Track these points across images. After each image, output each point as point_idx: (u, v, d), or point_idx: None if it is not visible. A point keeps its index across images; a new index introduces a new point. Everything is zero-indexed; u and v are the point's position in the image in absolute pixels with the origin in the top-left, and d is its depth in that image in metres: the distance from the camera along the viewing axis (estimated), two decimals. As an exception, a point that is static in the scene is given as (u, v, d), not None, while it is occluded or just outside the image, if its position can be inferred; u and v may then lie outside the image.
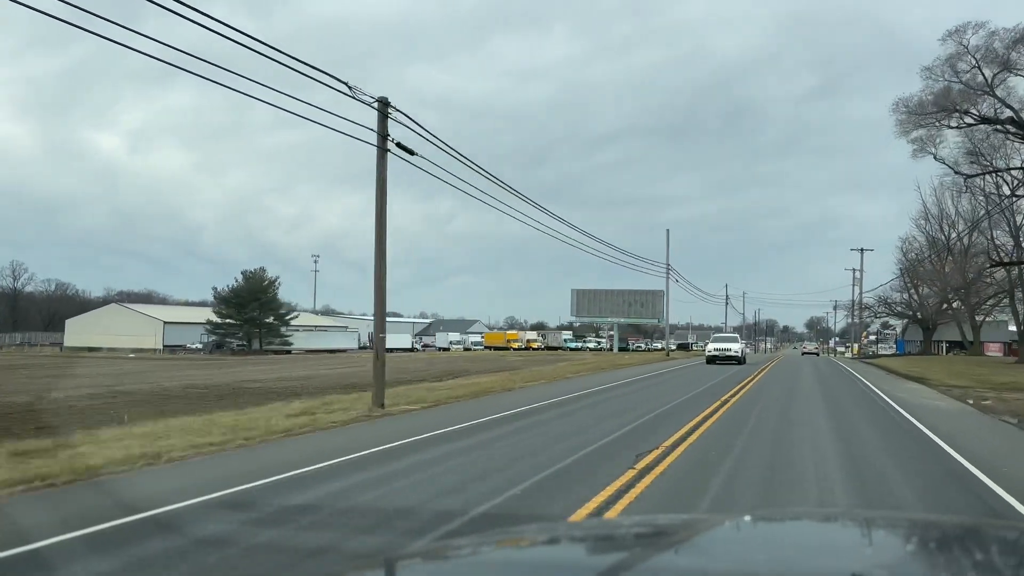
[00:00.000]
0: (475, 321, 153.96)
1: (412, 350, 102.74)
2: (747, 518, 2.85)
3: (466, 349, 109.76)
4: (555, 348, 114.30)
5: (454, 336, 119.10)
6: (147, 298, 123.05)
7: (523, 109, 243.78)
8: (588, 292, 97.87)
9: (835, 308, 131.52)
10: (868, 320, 78.74)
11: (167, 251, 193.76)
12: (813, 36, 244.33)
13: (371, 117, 16.88)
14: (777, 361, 55.17)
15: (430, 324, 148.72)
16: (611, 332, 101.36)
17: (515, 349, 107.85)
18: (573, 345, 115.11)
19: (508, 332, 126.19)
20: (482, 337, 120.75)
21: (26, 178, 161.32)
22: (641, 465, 9.45)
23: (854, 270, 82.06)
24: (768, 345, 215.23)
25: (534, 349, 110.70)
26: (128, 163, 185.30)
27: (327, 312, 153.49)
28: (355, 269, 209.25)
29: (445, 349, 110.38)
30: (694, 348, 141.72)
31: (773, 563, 1.90)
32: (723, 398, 19.65)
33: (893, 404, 19.46)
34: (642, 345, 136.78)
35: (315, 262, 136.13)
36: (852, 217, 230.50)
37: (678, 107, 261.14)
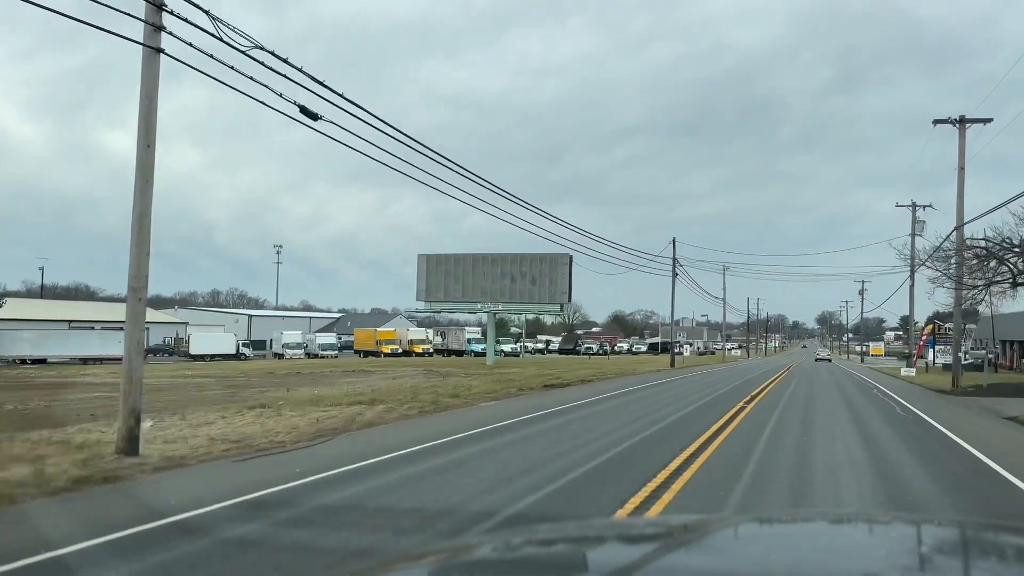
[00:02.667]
0: (394, 316, 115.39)
1: (238, 356, 70.23)
2: (761, 518, 2.97)
3: (312, 356, 75.04)
4: (456, 352, 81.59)
5: (295, 338, 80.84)
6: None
7: (538, 106, 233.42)
8: (445, 259, 57.56)
9: (862, 292, 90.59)
10: (976, 287, 31.72)
11: (182, 249, 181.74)
12: (832, 30, 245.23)
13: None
14: (759, 398, 24.24)
15: (336, 320, 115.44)
16: (556, 336, 67.22)
17: (387, 354, 75.33)
18: (480, 348, 78.82)
19: (380, 331, 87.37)
20: (334, 338, 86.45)
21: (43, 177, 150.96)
22: None
23: (914, 206, 46.75)
24: (774, 343, 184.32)
25: (417, 354, 77.29)
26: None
27: (307, 308, 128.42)
28: (374, 267, 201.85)
29: (279, 356, 75.62)
30: (677, 352, 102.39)
31: (786, 563, 1.85)
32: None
33: None
34: (594, 346, 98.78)
35: (277, 253, 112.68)
36: (871, 213, 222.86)
37: (695, 103, 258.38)
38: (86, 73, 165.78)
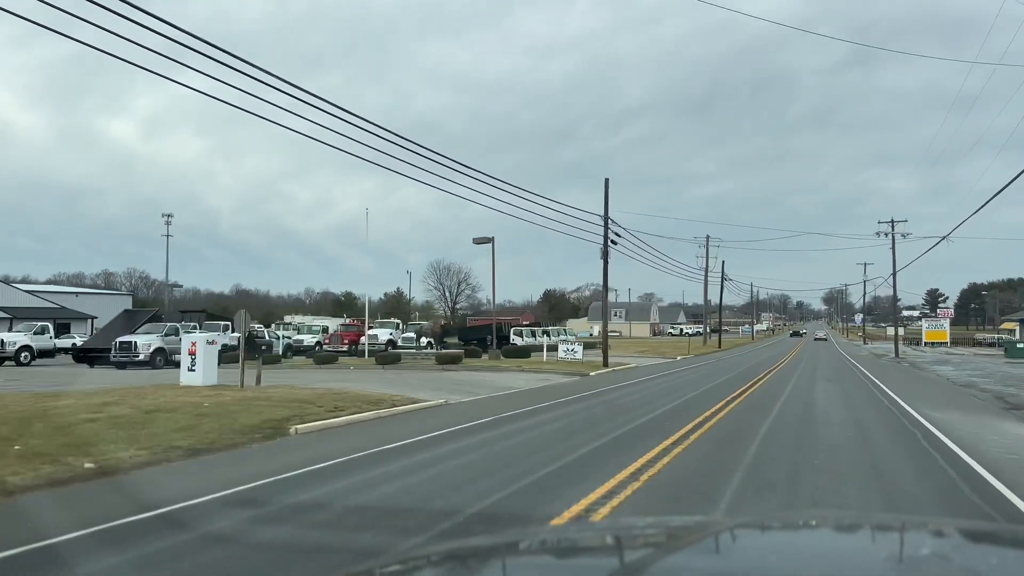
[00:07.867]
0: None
1: None
2: (761, 521, 2.91)
3: None
4: None
5: None
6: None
7: (545, 85, 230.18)
8: None
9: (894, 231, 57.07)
10: None
11: (186, 239, 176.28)
12: (847, 1, 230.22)
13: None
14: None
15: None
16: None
17: None
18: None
19: None
20: None
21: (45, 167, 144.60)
22: None
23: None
24: (763, 325, 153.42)
25: None
26: (143, 150, 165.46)
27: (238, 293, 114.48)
28: (376, 254, 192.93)
29: None
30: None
31: (787, 566, 1.84)
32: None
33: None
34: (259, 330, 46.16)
35: (167, 224, 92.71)
36: (881, 192, 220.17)
37: (705, 81, 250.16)
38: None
